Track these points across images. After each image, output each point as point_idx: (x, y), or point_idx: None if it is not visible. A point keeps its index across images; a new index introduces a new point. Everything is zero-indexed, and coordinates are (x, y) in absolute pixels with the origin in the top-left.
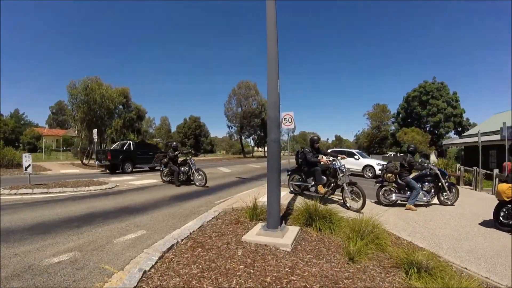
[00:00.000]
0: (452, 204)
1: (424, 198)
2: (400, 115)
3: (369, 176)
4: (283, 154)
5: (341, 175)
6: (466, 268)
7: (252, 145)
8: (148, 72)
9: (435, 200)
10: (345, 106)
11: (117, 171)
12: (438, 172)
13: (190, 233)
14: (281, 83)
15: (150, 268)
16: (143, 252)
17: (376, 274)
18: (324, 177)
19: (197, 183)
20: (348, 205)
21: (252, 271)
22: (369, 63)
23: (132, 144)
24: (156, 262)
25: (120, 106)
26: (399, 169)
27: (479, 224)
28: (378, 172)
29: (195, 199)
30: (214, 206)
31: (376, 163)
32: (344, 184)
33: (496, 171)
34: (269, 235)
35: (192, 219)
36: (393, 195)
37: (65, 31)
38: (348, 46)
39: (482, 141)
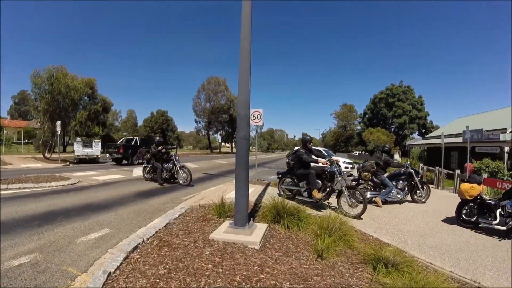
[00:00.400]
0: (424, 202)
1: (399, 196)
2: (367, 116)
3: None
4: (251, 151)
5: (339, 178)
6: (431, 263)
7: (220, 140)
8: (115, 63)
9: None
10: (313, 105)
11: (123, 162)
12: (412, 171)
13: (156, 232)
14: (252, 80)
15: (115, 270)
16: (107, 253)
17: (344, 270)
18: (319, 181)
19: (181, 181)
20: (344, 211)
21: (221, 270)
22: (339, 64)
23: (138, 139)
24: (121, 263)
25: (86, 98)
26: (375, 167)
27: (442, 221)
28: (343, 169)
29: (161, 196)
30: (181, 203)
31: (342, 161)
32: (343, 188)
33: (457, 171)
34: (237, 233)
35: (158, 217)
36: (368, 193)
37: (30, 17)
38: (319, 47)
39: (444, 143)
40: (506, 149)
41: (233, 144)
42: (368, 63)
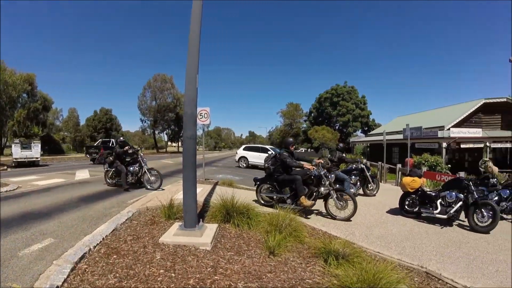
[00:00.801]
0: (375, 195)
1: (352, 190)
2: (312, 114)
3: None
4: (198, 150)
5: (326, 182)
6: (379, 253)
7: (166, 140)
8: (55, 57)
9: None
10: (260, 103)
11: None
12: (364, 167)
13: (103, 238)
14: (199, 78)
15: (63, 283)
16: (53, 265)
17: (297, 265)
18: (305, 187)
19: (148, 186)
20: (333, 214)
21: (173, 274)
22: (286, 64)
23: (114, 141)
24: (68, 275)
25: (24, 95)
26: (329, 164)
27: (387, 212)
28: None
29: (106, 199)
30: (128, 206)
31: None
32: (331, 191)
33: (399, 165)
34: (188, 235)
35: (104, 222)
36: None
37: None
38: (267, 46)
39: (386, 140)
40: (444, 144)
41: (180, 143)
42: (314, 64)
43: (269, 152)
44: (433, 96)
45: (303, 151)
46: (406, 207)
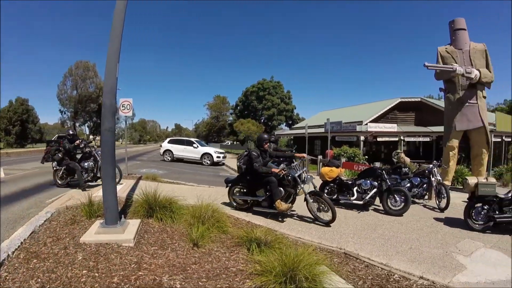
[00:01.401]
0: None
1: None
2: (238, 107)
3: (207, 163)
4: (121, 143)
5: (302, 185)
6: (300, 238)
7: (87, 133)
8: None
9: None
10: (187, 96)
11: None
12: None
13: (22, 243)
14: (121, 67)
15: None
16: None
17: (221, 255)
18: (282, 189)
19: None
20: (319, 216)
21: (97, 274)
22: (213, 56)
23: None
24: None
25: None
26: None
27: None
28: (216, 159)
29: (23, 200)
30: (46, 207)
31: (214, 151)
32: (306, 195)
33: (320, 157)
34: (109, 232)
35: (22, 225)
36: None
37: None
38: (195, 38)
39: (309, 133)
40: (362, 138)
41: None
42: (241, 59)
43: (194, 145)
44: (355, 93)
45: (229, 144)
46: (325, 194)
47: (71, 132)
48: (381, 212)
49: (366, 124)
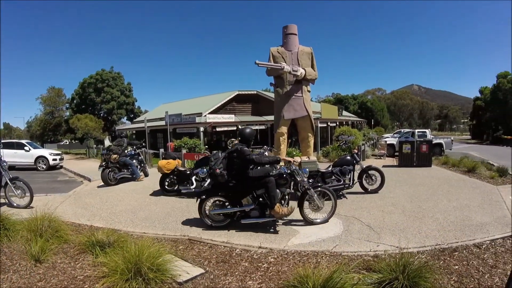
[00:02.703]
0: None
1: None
2: (75, 101)
3: (43, 168)
4: None
5: (301, 179)
6: (145, 233)
7: None
8: None
9: None
10: (14, 88)
11: None
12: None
13: None
14: None
15: None
16: None
17: (66, 266)
18: (278, 190)
19: (14, 204)
20: (311, 218)
21: None
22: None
23: None
24: None
25: None
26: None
27: (150, 195)
28: (52, 162)
29: None
30: None
31: (49, 153)
32: (310, 190)
33: (161, 150)
34: None
35: None
36: (119, 173)
37: None
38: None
39: (150, 126)
40: (202, 128)
41: None
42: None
43: (26, 148)
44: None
45: (67, 143)
46: (166, 187)
47: None
48: None
49: (205, 115)
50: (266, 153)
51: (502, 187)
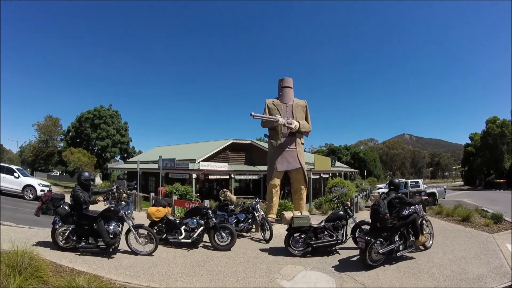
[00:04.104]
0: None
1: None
2: (70, 134)
3: (29, 197)
4: None
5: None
6: (128, 283)
7: None
8: None
9: None
10: (10, 113)
11: None
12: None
13: None
14: None
15: None
16: None
17: None
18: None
19: (137, 250)
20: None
21: None
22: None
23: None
24: None
25: None
26: None
27: None
28: (40, 193)
29: None
30: None
31: (38, 183)
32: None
33: (152, 194)
34: None
35: None
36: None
37: None
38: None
39: (143, 168)
40: (194, 175)
41: None
42: (76, 78)
43: (15, 174)
44: (191, 132)
45: (58, 174)
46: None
47: (87, 175)
48: (210, 249)
49: (199, 162)
50: (258, 206)
51: (497, 234)
